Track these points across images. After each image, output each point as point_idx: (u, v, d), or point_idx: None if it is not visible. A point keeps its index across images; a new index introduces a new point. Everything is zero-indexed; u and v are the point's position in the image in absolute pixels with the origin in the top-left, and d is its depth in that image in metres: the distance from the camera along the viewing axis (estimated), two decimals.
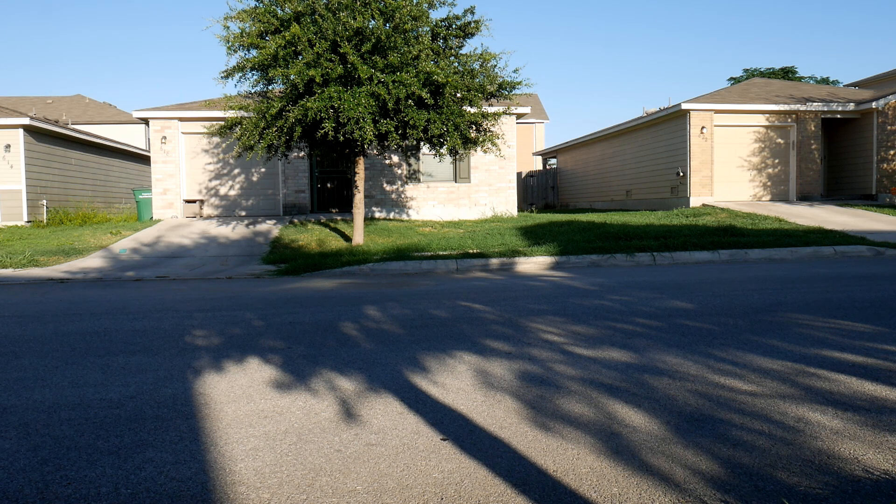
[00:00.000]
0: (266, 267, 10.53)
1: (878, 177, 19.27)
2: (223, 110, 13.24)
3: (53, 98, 35.37)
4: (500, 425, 2.66)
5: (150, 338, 4.59)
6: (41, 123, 18.95)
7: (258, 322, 5.18)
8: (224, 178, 19.36)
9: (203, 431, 2.64)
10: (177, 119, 18.84)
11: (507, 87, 12.45)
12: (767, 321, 4.74)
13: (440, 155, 13.06)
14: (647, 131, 22.13)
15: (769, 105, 19.46)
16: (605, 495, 2.03)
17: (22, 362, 3.87)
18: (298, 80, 10.92)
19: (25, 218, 18.16)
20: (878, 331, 4.31)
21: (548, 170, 31.93)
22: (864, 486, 2.05)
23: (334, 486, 2.12)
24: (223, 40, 11.59)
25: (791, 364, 3.49)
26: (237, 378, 3.45)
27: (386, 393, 3.13)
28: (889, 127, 19.26)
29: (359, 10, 10.96)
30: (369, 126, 10.84)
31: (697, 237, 11.56)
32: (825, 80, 42.30)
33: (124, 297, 7.11)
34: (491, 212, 19.48)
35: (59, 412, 2.90)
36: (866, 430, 2.51)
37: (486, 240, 12.32)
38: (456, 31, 12.03)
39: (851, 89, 24.32)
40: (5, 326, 5.17)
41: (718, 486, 2.06)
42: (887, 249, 10.51)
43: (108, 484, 2.15)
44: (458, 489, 2.09)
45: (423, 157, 18.96)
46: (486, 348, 4.05)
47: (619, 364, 3.59)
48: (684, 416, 2.71)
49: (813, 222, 14.20)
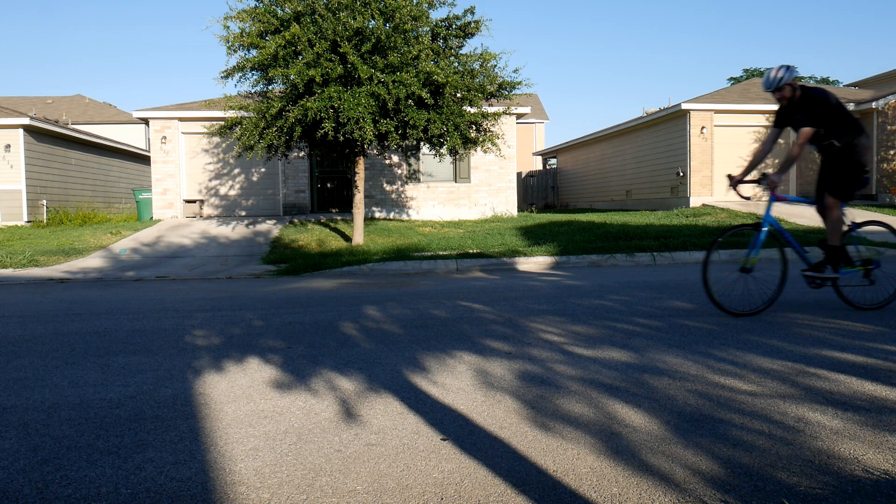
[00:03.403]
0: (266, 267, 10.53)
1: (878, 177, 19.27)
2: (223, 110, 13.24)
3: (53, 98, 35.37)
4: (500, 425, 2.66)
5: (150, 338, 4.59)
6: (41, 123, 18.95)
7: (258, 322, 5.18)
8: (224, 178, 19.36)
9: (203, 431, 2.64)
10: (177, 119, 18.84)
11: (507, 87, 12.45)
12: (767, 321, 4.74)
13: (440, 155, 13.06)
14: (647, 131, 22.13)
15: (769, 105, 19.45)
16: (605, 495, 2.03)
17: (22, 362, 3.87)
18: (298, 80, 10.91)
19: (25, 218, 18.16)
20: (878, 331, 4.31)
21: (548, 170, 31.93)
22: (864, 486, 2.05)
23: (334, 486, 2.12)
24: (223, 40, 11.59)
25: (791, 364, 3.49)
26: (237, 378, 3.45)
27: (386, 393, 3.13)
28: (889, 127, 19.26)
29: (359, 10, 10.96)
30: (369, 126, 10.84)
31: (697, 237, 11.55)
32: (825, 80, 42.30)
33: (124, 297, 7.11)
34: (491, 212, 19.48)
35: (59, 412, 2.90)
36: (866, 430, 2.51)
37: (486, 240, 12.32)
38: (456, 31, 12.03)
39: (851, 89, 24.32)
40: (5, 326, 5.17)
41: (718, 486, 2.06)
42: (887, 249, 10.51)
43: (108, 484, 2.15)
44: (458, 489, 2.09)
45: (423, 157, 18.96)
46: (486, 348, 4.05)
47: (619, 364, 3.59)
48: (684, 416, 2.71)
49: (813, 222, 14.19)
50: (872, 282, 5.11)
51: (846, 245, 5.11)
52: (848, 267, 5.07)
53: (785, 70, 4.84)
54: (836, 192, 4.94)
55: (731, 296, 5.09)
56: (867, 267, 5.11)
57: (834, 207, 4.95)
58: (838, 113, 4.87)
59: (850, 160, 4.92)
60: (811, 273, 5.04)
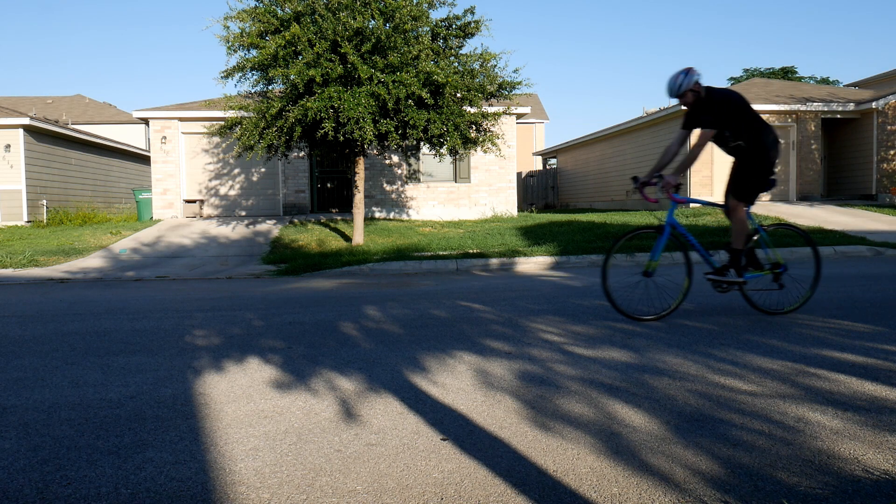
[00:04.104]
0: (266, 267, 10.53)
1: (878, 177, 19.26)
2: (223, 110, 13.24)
3: (53, 98, 35.37)
4: (500, 425, 2.66)
5: (150, 338, 4.59)
6: (41, 123, 18.95)
7: (258, 322, 5.18)
8: (224, 178, 19.36)
9: (203, 431, 2.64)
10: (177, 119, 18.84)
11: (507, 87, 12.45)
12: (767, 321, 4.74)
13: (440, 155, 13.06)
14: (647, 131, 22.13)
15: (769, 105, 19.45)
16: (605, 495, 2.03)
17: (22, 362, 3.87)
18: (298, 80, 10.91)
19: (25, 218, 18.16)
20: (878, 331, 4.31)
21: (548, 170, 31.92)
22: (864, 486, 2.05)
23: (334, 486, 2.12)
24: (223, 40, 11.60)
25: (791, 364, 3.49)
26: (237, 378, 3.45)
27: (386, 393, 3.13)
28: (889, 127, 19.25)
29: (359, 10, 10.96)
30: (369, 126, 10.84)
31: (697, 237, 11.55)
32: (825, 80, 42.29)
33: (124, 297, 7.11)
34: (491, 212, 19.48)
35: (59, 412, 2.90)
36: (866, 430, 2.51)
37: (486, 240, 12.32)
38: (456, 31, 12.03)
39: (851, 89, 24.32)
40: (5, 326, 5.17)
41: (718, 486, 2.06)
42: (887, 249, 10.51)
43: (108, 484, 2.15)
44: (458, 489, 2.09)
45: (423, 157, 18.96)
46: (486, 348, 4.05)
47: (618, 364, 3.59)
48: (684, 416, 2.71)
49: (813, 222, 14.20)
50: (782, 286, 4.94)
51: (754, 248, 4.95)
52: (756, 271, 4.91)
53: (683, 76, 4.71)
54: (739, 194, 4.82)
55: (631, 299, 5.00)
56: (775, 271, 4.95)
57: (737, 210, 4.81)
58: (742, 115, 4.75)
59: (755, 163, 4.81)
60: (714, 277, 4.88)
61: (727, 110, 4.74)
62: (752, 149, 4.82)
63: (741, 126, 4.79)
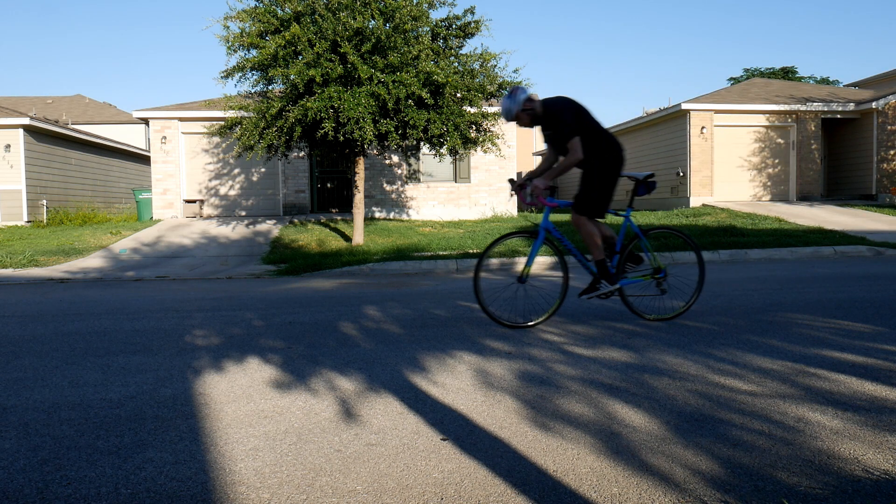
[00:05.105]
0: (266, 267, 10.53)
1: (878, 177, 19.26)
2: (223, 110, 13.25)
3: (53, 98, 35.37)
4: (500, 425, 2.66)
5: (150, 338, 4.59)
6: (41, 123, 18.95)
7: (258, 322, 5.18)
8: (224, 178, 19.36)
9: (203, 431, 2.64)
10: (177, 119, 18.84)
11: (508, 87, 12.45)
12: (767, 321, 4.74)
13: (440, 155, 13.07)
14: (647, 131, 22.14)
15: (769, 105, 19.46)
16: (605, 495, 2.03)
17: (22, 362, 3.87)
18: (298, 80, 10.92)
19: (25, 218, 18.16)
20: (878, 331, 4.31)
21: None
22: (865, 486, 2.05)
23: (334, 486, 2.12)
24: (223, 40, 11.60)
25: (791, 364, 3.50)
26: (237, 378, 3.45)
27: (386, 393, 3.13)
28: (889, 127, 19.25)
29: (359, 10, 10.97)
30: (369, 126, 10.84)
31: (697, 237, 11.56)
32: (825, 80, 42.29)
33: (124, 297, 7.11)
34: (491, 212, 19.48)
35: (59, 412, 2.90)
36: (866, 430, 2.51)
37: (486, 240, 12.32)
38: (456, 31, 12.03)
39: (851, 89, 24.33)
40: (5, 326, 5.17)
41: (718, 486, 2.06)
42: (887, 249, 10.51)
43: (108, 484, 2.15)
44: (458, 489, 2.09)
45: (423, 157, 18.97)
46: (486, 348, 4.05)
47: (619, 364, 3.59)
48: (684, 416, 2.71)
49: (813, 222, 14.20)
50: (664, 291, 4.80)
51: (634, 252, 4.83)
52: (635, 276, 4.79)
53: (508, 100, 4.53)
54: (579, 207, 4.68)
55: (503, 306, 4.95)
56: (655, 276, 4.80)
57: (582, 224, 4.65)
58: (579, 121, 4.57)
59: (596, 175, 4.66)
60: (587, 294, 4.73)
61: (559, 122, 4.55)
62: (593, 162, 4.66)
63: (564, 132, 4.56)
